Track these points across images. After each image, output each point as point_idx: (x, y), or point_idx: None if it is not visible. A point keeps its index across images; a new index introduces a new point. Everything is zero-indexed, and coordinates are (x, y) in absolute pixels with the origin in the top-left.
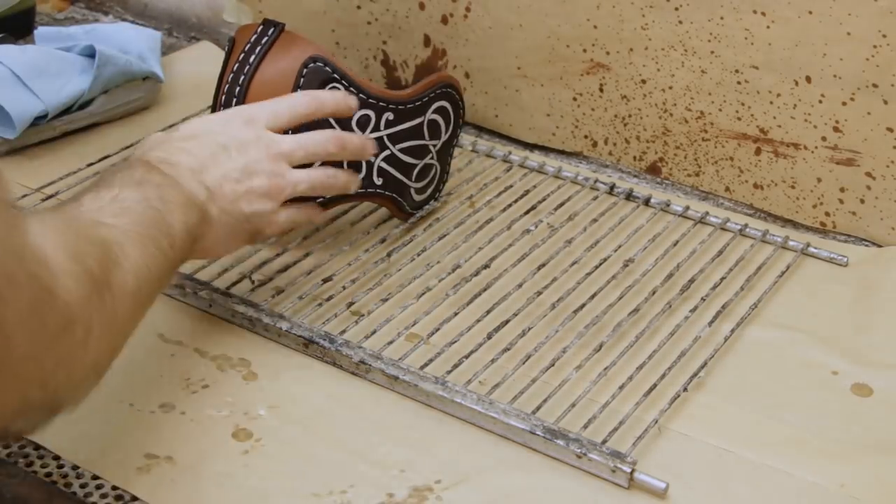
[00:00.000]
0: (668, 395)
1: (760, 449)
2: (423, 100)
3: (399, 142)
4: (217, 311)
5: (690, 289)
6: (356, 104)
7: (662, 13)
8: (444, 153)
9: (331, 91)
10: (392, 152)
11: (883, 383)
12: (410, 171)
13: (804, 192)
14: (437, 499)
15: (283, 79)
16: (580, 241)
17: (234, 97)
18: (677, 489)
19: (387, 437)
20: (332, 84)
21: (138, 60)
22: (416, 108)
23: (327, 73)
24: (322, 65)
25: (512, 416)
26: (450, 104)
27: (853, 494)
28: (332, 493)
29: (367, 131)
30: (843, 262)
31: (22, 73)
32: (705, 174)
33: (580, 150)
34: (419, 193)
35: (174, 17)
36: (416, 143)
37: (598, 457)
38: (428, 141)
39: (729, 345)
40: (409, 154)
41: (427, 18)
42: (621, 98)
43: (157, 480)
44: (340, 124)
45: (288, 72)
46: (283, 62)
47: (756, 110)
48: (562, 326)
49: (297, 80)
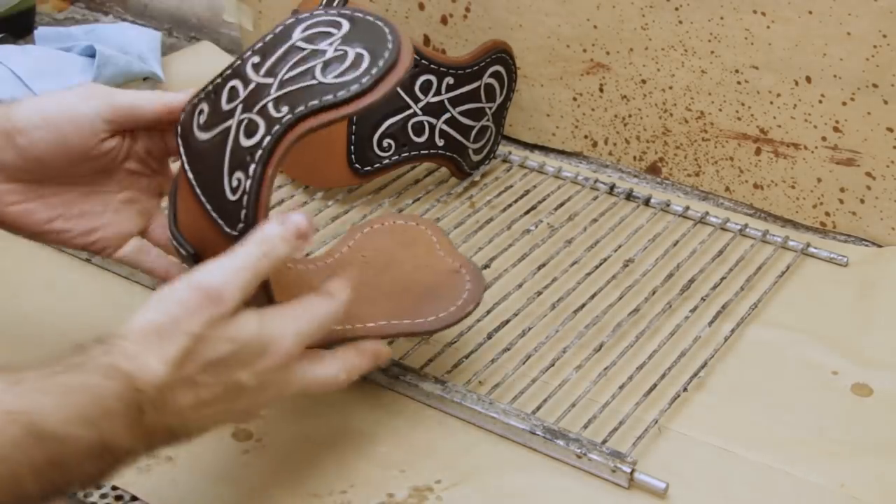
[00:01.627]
0: (668, 395)
1: (760, 449)
2: (480, 64)
3: (458, 105)
4: None
5: (690, 289)
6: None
7: (662, 13)
8: (499, 115)
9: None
10: (452, 115)
11: (883, 383)
12: (469, 132)
13: (804, 192)
14: (437, 499)
15: None
16: (580, 241)
17: None
18: (677, 489)
19: (387, 437)
20: None
21: (138, 60)
22: (474, 72)
23: None
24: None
25: (512, 416)
26: (504, 69)
27: (853, 494)
28: (332, 493)
29: (430, 95)
30: (843, 262)
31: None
32: (705, 174)
33: (580, 150)
34: (476, 154)
35: (174, 17)
36: (474, 105)
37: (598, 457)
38: (485, 104)
39: (729, 345)
40: (467, 116)
41: (427, 18)
42: (621, 98)
43: (157, 480)
44: (405, 89)
45: None
46: None
47: (756, 110)
48: (562, 326)
49: None
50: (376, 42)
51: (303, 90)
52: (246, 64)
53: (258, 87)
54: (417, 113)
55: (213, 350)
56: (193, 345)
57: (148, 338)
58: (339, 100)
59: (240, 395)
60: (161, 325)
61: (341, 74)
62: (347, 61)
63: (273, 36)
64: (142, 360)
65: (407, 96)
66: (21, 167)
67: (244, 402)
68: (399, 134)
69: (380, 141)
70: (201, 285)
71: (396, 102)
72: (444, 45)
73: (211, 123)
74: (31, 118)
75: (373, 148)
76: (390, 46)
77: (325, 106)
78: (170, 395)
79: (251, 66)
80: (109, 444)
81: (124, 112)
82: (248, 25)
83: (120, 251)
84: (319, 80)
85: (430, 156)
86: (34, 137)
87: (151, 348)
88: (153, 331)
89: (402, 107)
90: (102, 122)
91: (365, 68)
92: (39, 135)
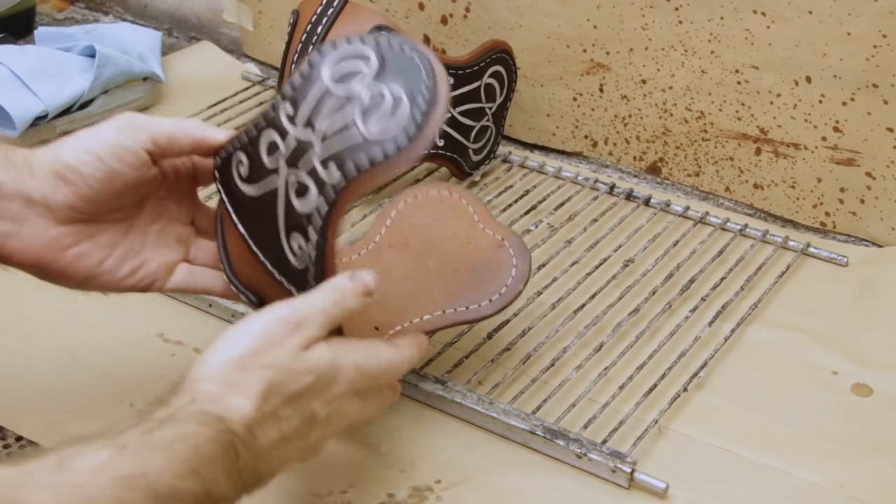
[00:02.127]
0: (668, 395)
1: (760, 449)
2: (480, 64)
3: (459, 105)
4: (217, 312)
5: (690, 289)
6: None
7: (662, 13)
8: (499, 115)
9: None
10: (452, 115)
11: (883, 383)
12: (469, 132)
13: (804, 192)
14: (437, 499)
15: None
16: (580, 241)
17: None
18: (677, 489)
19: (387, 437)
20: None
21: (138, 60)
22: (474, 72)
23: None
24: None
25: (512, 416)
26: (504, 68)
27: (853, 494)
28: (332, 493)
29: None
30: (843, 262)
31: (22, 74)
32: (705, 174)
33: (580, 150)
34: (476, 154)
35: (174, 17)
36: (474, 105)
37: (598, 457)
38: (485, 104)
39: (729, 345)
40: (467, 116)
41: (427, 18)
42: (621, 98)
43: None
44: None
45: None
46: (350, 32)
47: (756, 110)
48: (562, 326)
49: None
50: (410, 75)
51: (349, 147)
52: (279, 113)
53: (299, 142)
54: None
55: (295, 382)
56: (275, 376)
57: (229, 375)
58: (388, 156)
59: (313, 428)
60: (242, 360)
61: (382, 122)
62: (386, 105)
63: (301, 78)
64: (228, 401)
65: None
66: (74, 206)
67: (315, 435)
68: None
69: None
70: (283, 318)
71: None
72: (444, 45)
73: (255, 178)
74: (79, 156)
75: None
76: (426, 81)
77: (375, 164)
78: (259, 432)
79: (285, 116)
80: (212, 492)
81: (164, 143)
82: (248, 25)
83: (170, 281)
84: (363, 134)
85: (430, 156)
86: (85, 174)
87: (235, 385)
88: (234, 366)
89: None
90: (145, 153)
91: (407, 114)
92: (90, 171)
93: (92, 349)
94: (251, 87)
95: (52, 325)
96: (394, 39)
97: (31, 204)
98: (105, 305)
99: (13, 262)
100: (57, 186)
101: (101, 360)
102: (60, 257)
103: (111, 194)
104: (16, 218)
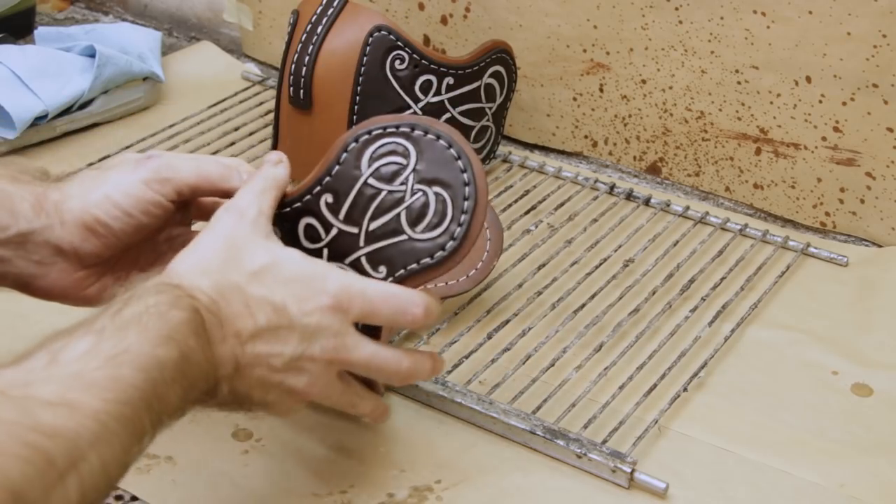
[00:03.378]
0: (668, 395)
1: (760, 449)
2: (480, 65)
3: (459, 105)
4: None
5: (690, 289)
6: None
7: (662, 13)
8: (499, 116)
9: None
10: (452, 115)
11: (883, 383)
12: (469, 132)
13: (804, 192)
14: (437, 499)
15: (349, 48)
16: (580, 241)
17: (304, 66)
18: (677, 489)
19: (387, 437)
20: (397, 52)
21: (138, 60)
22: (474, 72)
23: (392, 41)
24: (387, 33)
25: (512, 416)
26: (504, 69)
27: (853, 494)
28: (331, 493)
29: (430, 95)
30: (843, 262)
31: (22, 73)
32: (705, 174)
33: (580, 150)
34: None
35: (174, 17)
36: (474, 105)
37: (598, 457)
38: (485, 104)
39: (729, 345)
40: (467, 116)
41: (427, 18)
42: (621, 98)
43: (157, 480)
44: (405, 89)
45: (354, 41)
46: (350, 32)
47: (756, 110)
48: (562, 326)
49: (364, 49)
50: (450, 173)
51: (397, 250)
52: (319, 201)
53: (343, 234)
54: (417, 113)
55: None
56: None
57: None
58: (437, 261)
59: (291, 330)
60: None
61: (430, 227)
62: (431, 209)
63: (338, 167)
64: (182, 273)
65: (407, 96)
66: (101, 255)
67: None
68: None
69: None
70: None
71: (396, 102)
72: (444, 45)
73: None
74: (109, 211)
75: None
76: (466, 178)
77: (424, 268)
78: (222, 302)
79: (325, 205)
80: (189, 358)
81: (188, 192)
82: (248, 25)
83: None
84: (410, 237)
85: None
86: (115, 228)
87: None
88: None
89: (402, 107)
90: (170, 204)
91: (451, 216)
92: (119, 226)
93: None
94: (251, 86)
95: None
96: (430, 132)
97: (60, 252)
98: None
99: (38, 297)
100: (86, 238)
101: None
102: (84, 293)
103: (137, 238)
104: (44, 262)
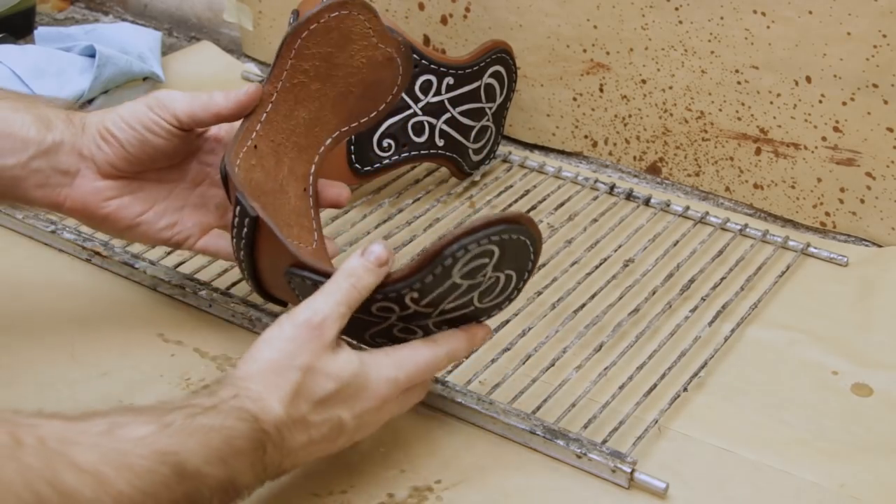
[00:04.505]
0: (668, 395)
1: (760, 449)
2: (480, 64)
3: (459, 105)
4: (217, 311)
5: (690, 289)
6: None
7: (662, 13)
8: (499, 115)
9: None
10: (452, 115)
11: (883, 383)
12: (469, 132)
13: (804, 192)
14: (437, 499)
15: None
16: (580, 241)
17: None
18: (677, 489)
19: (387, 437)
20: None
21: (138, 60)
22: (474, 72)
23: None
24: None
25: (512, 416)
26: (504, 68)
27: (853, 494)
28: (332, 493)
29: (430, 95)
30: (843, 262)
31: (22, 73)
32: (705, 174)
33: (580, 150)
34: (476, 154)
35: (174, 17)
36: (474, 105)
37: (598, 457)
38: (485, 104)
39: (729, 345)
40: (467, 116)
41: (427, 18)
42: (621, 98)
43: None
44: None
45: None
46: None
47: (756, 110)
48: (562, 326)
49: None
50: (522, 258)
51: (464, 318)
52: (404, 297)
53: (417, 314)
54: (417, 113)
55: (320, 387)
56: (303, 379)
57: (267, 377)
58: (491, 316)
59: (340, 435)
60: (277, 362)
61: (494, 297)
62: (499, 286)
63: (432, 277)
64: (265, 402)
65: (407, 96)
66: (113, 164)
67: (342, 441)
68: (399, 134)
69: (380, 141)
70: (306, 321)
71: (396, 102)
72: (444, 45)
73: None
74: (117, 123)
75: (373, 148)
76: (532, 258)
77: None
78: (288, 434)
79: (410, 300)
80: (235, 481)
81: (185, 118)
82: (248, 25)
83: (201, 242)
84: (476, 307)
85: (430, 156)
86: (121, 139)
87: (270, 388)
88: (271, 369)
89: (402, 107)
90: (170, 126)
91: (513, 286)
92: (125, 136)
93: (92, 349)
94: None
95: (52, 325)
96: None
97: (82, 158)
98: (105, 305)
99: (64, 210)
100: (100, 145)
101: (101, 360)
102: (104, 206)
103: (146, 158)
104: (70, 170)
